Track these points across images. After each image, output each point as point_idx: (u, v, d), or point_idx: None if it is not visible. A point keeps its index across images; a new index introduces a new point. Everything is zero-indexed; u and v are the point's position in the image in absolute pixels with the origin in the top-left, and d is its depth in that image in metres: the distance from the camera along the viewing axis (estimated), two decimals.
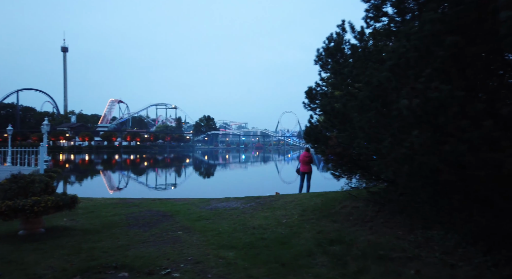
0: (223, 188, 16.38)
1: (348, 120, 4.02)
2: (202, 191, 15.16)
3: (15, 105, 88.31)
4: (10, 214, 4.79)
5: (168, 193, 14.27)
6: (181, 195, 13.04)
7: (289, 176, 25.42)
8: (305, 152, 9.93)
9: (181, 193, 14.13)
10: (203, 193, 13.43)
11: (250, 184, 18.91)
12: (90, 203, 9.14)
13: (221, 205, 7.44)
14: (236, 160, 52.28)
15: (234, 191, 15.49)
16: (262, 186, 17.09)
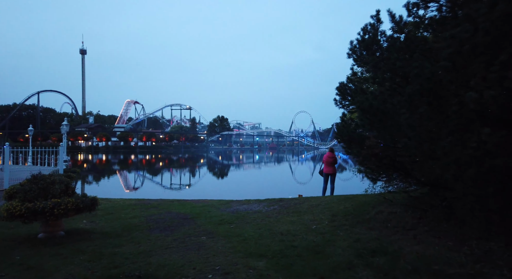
0: (241, 189, 16.13)
1: (389, 118, 3.64)
2: (220, 192, 14.94)
3: (36, 107, 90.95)
4: (30, 216, 4.64)
5: (186, 194, 14.12)
6: (199, 196, 12.86)
7: (307, 177, 24.95)
8: (329, 152, 9.48)
9: (198, 194, 13.95)
10: (221, 194, 13.20)
11: (269, 186, 18.58)
12: (109, 204, 9.03)
13: (242, 208, 7.15)
14: (252, 160, 52.05)
15: (252, 192, 15.20)
16: (282, 188, 16.72)
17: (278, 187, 17.39)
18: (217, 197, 11.96)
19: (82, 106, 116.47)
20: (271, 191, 15.32)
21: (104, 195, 12.53)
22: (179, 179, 23.25)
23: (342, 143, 4.82)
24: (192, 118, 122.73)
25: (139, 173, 28.60)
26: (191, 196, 12.76)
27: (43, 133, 77.56)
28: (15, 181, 12.88)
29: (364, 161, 4.27)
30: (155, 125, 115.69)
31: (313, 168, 9.77)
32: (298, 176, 26.16)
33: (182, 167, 35.82)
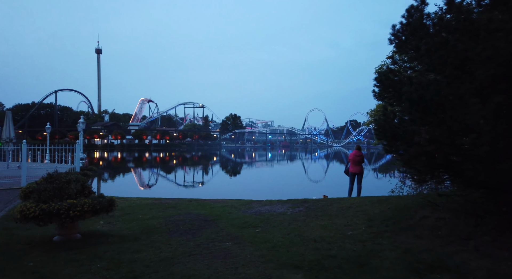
0: (259, 189, 15.72)
1: (447, 111, 3.13)
2: (237, 192, 14.56)
3: (54, 105, 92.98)
4: (44, 218, 4.35)
5: (203, 193, 13.82)
6: (216, 195, 12.52)
7: (326, 176, 24.35)
8: (356, 150, 8.92)
9: (215, 193, 13.62)
10: (239, 194, 12.83)
11: (287, 185, 18.10)
12: (126, 203, 8.79)
13: (265, 209, 6.73)
14: (266, 158, 51.65)
15: (271, 192, 14.72)
16: (301, 187, 16.22)
17: (297, 187, 16.90)
18: (235, 197, 11.59)
19: (97, 105, 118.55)
20: (290, 190, 14.84)
21: (120, 194, 12.36)
22: (194, 177, 23.07)
23: (383, 140, 4.32)
24: (205, 116, 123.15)
25: (155, 171, 28.63)
26: (208, 195, 12.44)
27: (60, 132, 79.32)
28: (33, 178, 12.87)
29: (411, 160, 3.77)
30: (169, 124, 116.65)
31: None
32: (316, 175, 25.57)
33: (197, 165, 35.75)
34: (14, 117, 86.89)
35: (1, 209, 7.74)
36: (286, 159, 49.44)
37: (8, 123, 18.03)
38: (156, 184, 18.54)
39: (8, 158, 17.35)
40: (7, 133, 17.90)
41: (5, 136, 17.91)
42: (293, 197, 10.95)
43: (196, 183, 18.82)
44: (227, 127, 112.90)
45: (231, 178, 22.93)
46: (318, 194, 10.96)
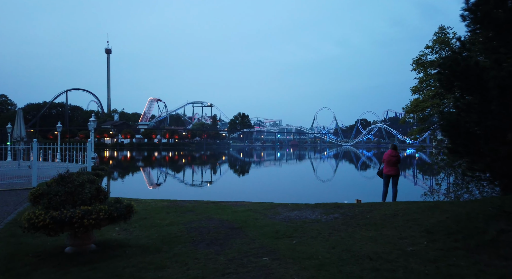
0: (277, 190, 15.05)
1: None
2: (255, 193, 13.92)
3: (64, 105, 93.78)
4: (55, 227, 3.81)
5: (218, 194, 13.23)
6: (233, 197, 11.93)
7: (343, 176, 23.58)
8: (391, 150, 8.17)
9: (232, 194, 13.04)
10: (257, 196, 12.23)
11: (306, 186, 17.39)
12: (140, 205, 8.25)
13: (294, 215, 6.10)
14: (277, 158, 51.01)
15: (291, 194, 13.95)
16: (322, 189, 15.51)
17: (317, 188, 16.22)
18: (252, 199, 10.99)
19: (107, 104, 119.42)
20: (311, 192, 14.15)
21: (132, 195, 11.88)
22: (206, 177, 22.57)
23: (454, 139, 3.64)
24: (213, 115, 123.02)
25: (166, 170, 28.25)
26: (224, 196, 11.87)
27: (71, 131, 79.96)
28: (43, 178, 12.51)
29: (496, 162, 3.09)
30: (177, 123, 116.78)
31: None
32: (333, 176, 24.85)
33: (208, 164, 35.31)
34: (26, 116, 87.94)
35: (11, 212, 7.29)
36: (297, 159, 48.70)
37: (19, 122, 17.77)
38: (169, 184, 18.06)
39: (19, 157, 17.08)
40: (18, 132, 17.64)
41: (16, 135, 17.65)
42: (316, 199, 10.27)
43: (209, 183, 18.30)
44: (236, 127, 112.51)
45: (245, 178, 22.35)
46: (342, 196, 10.31)
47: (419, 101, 7.86)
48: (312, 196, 11.94)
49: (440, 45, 7.32)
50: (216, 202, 9.12)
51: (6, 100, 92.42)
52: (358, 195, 9.36)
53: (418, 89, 8.27)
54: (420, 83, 8.24)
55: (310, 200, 11.25)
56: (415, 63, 8.05)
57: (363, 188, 15.34)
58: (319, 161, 43.60)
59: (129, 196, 11.30)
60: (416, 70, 8.13)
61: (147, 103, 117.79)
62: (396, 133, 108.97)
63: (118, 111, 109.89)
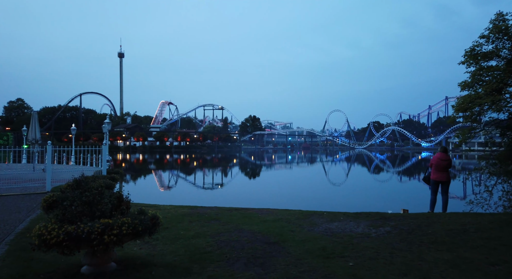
0: (301, 196, 14.17)
1: None
2: (278, 199, 13.13)
3: (78, 108, 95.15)
4: (70, 245, 3.21)
5: (240, 200, 12.51)
6: (255, 203, 11.26)
7: (367, 181, 22.66)
8: (441, 153, 7.22)
9: (254, 200, 12.35)
10: (280, 202, 11.54)
11: (332, 192, 16.46)
12: (159, 212, 7.65)
13: (335, 227, 5.38)
14: (291, 161, 50.18)
15: (317, 199, 12.94)
16: (350, 195, 14.56)
17: (345, 194, 15.30)
18: (277, 205, 10.30)
19: (120, 108, 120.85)
20: (339, 199, 13.22)
21: (148, 200, 11.34)
22: (223, 181, 21.99)
23: None
24: (224, 118, 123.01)
25: (180, 174, 27.81)
26: (246, 202, 11.21)
27: (84, 134, 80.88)
28: (58, 182, 12.13)
29: None
30: (188, 126, 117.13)
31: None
32: (358, 180, 23.94)
33: (222, 167, 34.79)
34: (41, 120, 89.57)
35: (23, 219, 6.80)
36: (310, 162, 47.72)
37: (34, 124, 17.56)
38: (184, 188, 17.48)
39: (34, 160, 16.83)
40: (33, 135, 17.42)
41: (30, 137, 17.43)
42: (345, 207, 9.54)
43: (226, 187, 17.68)
44: (246, 129, 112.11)
45: (262, 182, 21.64)
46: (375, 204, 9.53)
47: (473, 97, 7.02)
48: (340, 203, 11.16)
49: (498, 34, 6.53)
50: (239, 209, 8.47)
51: (23, 104, 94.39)
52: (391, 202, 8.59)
53: (468, 85, 7.45)
54: (472, 77, 7.41)
55: (339, 207, 10.48)
56: (467, 55, 7.23)
57: (394, 194, 14.38)
58: (335, 164, 42.57)
59: (145, 201, 10.77)
60: (465, 64, 7.34)
61: (159, 106, 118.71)
62: (410, 136, 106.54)
63: (131, 114, 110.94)
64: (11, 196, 9.70)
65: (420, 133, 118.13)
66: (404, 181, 22.87)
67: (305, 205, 10.71)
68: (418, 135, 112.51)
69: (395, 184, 21.28)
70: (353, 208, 8.18)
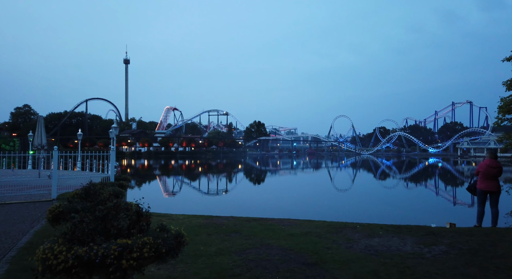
0: (319, 205, 13.43)
1: None
2: (296, 208, 12.38)
3: (84, 114, 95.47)
4: (81, 271, 2.63)
5: (255, 209, 11.81)
6: (272, 212, 10.63)
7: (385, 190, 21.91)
8: (490, 159, 6.33)
9: (270, 209, 11.65)
10: (300, 211, 10.91)
11: (353, 200, 15.71)
12: (173, 223, 7.06)
13: (377, 244, 4.75)
14: (299, 166, 49.44)
15: (340, 209, 12.28)
16: (374, 204, 13.74)
17: (365, 202, 14.56)
18: (296, 214, 9.67)
19: (125, 113, 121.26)
20: (364, 207, 12.37)
21: (159, 209, 10.77)
22: (233, 188, 21.37)
23: None
24: (229, 123, 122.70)
25: (188, 180, 27.25)
26: (262, 211, 10.63)
27: (90, 139, 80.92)
28: (64, 189, 11.62)
29: None
30: (193, 131, 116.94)
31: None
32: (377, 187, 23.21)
33: (229, 173, 34.18)
34: (47, 125, 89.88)
35: (26, 231, 6.24)
36: (316, 167, 46.93)
37: (40, 129, 17.17)
38: (195, 195, 16.83)
39: (40, 166, 16.39)
40: (39, 140, 17.03)
41: (36, 143, 17.04)
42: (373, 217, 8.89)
43: (237, 194, 17.05)
44: (251, 135, 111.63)
45: (273, 188, 20.96)
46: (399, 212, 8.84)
47: None
48: (365, 213, 10.42)
49: None
50: (257, 219, 7.87)
51: (29, 110, 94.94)
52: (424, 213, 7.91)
53: None
54: None
55: (365, 218, 9.78)
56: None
57: (424, 204, 13.51)
58: (346, 170, 41.77)
59: (155, 210, 10.21)
60: (510, 60, 6.75)
61: (164, 112, 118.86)
62: (417, 142, 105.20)
63: (136, 120, 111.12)
64: (15, 204, 9.19)
65: (427, 139, 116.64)
66: (430, 188, 22.09)
67: (326, 214, 10.05)
68: (424, 141, 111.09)
69: (422, 192, 20.50)
70: (382, 219, 7.54)
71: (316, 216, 9.31)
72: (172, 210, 10.92)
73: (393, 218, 8.66)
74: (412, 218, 9.45)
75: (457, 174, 34.63)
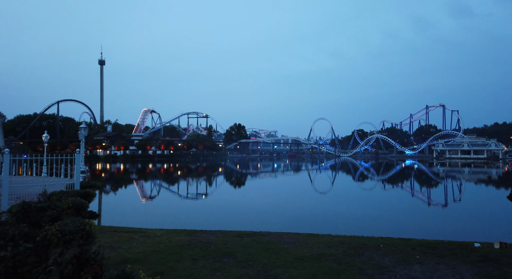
0: (312, 212, 12.21)
1: None
2: (289, 217, 11.02)
3: (56, 116, 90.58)
4: None
5: (245, 219, 10.38)
6: (263, 223, 9.41)
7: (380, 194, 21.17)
8: None
9: (262, 219, 10.28)
10: (295, 220, 9.70)
11: (344, 205, 14.73)
12: (148, 242, 5.75)
13: (423, 276, 3.66)
14: (281, 170, 48.52)
15: (338, 217, 11.00)
16: (369, 209, 12.69)
17: (359, 207, 13.58)
18: (292, 225, 8.52)
19: (100, 116, 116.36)
20: (361, 214, 11.13)
21: (133, 221, 9.30)
22: (216, 193, 19.94)
23: None
24: (208, 126, 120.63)
25: (166, 185, 25.50)
26: (253, 222, 9.37)
27: (62, 143, 76.57)
28: (18, 200, 9.91)
29: None
30: (172, 134, 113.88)
31: (345, 178, 6.02)
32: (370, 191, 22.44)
33: (210, 177, 32.64)
34: (15, 128, 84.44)
35: None
36: (297, 170, 46.25)
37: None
38: (175, 204, 15.08)
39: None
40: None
41: None
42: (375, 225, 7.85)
43: (221, 202, 15.69)
44: (232, 138, 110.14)
45: (260, 194, 19.70)
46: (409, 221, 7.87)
47: None
48: (370, 222, 9.29)
49: None
50: (251, 233, 6.65)
51: None
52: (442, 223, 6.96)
53: None
54: None
55: (370, 226, 8.70)
56: None
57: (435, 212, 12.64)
58: (329, 173, 41.25)
59: (128, 223, 8.73)
60: None
61: (141, 114, 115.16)
62: (394, 144, 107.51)
63: (111, 123, 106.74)
64: None
65: (403, 141, 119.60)
66: (406, 189, 21.62)
67: (325, 224, 8.97)
68: (401, 143, 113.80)
69: (399, 194, 19.94)
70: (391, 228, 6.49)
71: (315, 226, 8.21)
72: (149, 223, 9.47)
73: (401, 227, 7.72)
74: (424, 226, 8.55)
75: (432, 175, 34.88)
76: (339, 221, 10.31)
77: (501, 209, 13.63)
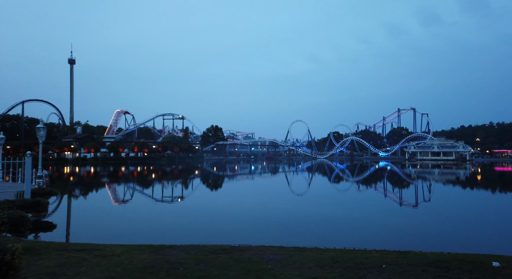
0: (295, 219, 11.37)
1: None
2: (268, 225, 10.05)
3: (20, 117, 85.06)
4: None
5: (219, 229, 9.32)
6: (239, 233, 8.51)
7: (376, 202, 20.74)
8: None
9: (238, 228, 9.27)
10: (275, 229, 8.82)
11: (324, 209, 14.10)
12: (102, 264, 4.72)
13: None
14: (259, 172, 47.73)
15: (320, 221, 10.06)
16: (350, 215, 12.06)
17: (336, 211, 12.96)
18: (272, 234, 7.69)
19: (70, 117, 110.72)
20: (346, 220, 10.39)
21: (91, 235, 8.10)
22: (187, 199, 18.77)
23: None
24: (185, 128, 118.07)
25: (135, 190, 23.94)
26: (228, 232, 8.42)
27: (26, 145, 71.66)
28: None
29: None
30: (146, 136, 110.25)
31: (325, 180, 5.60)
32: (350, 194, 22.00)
33: (183, 180, 31.25)
34: None
35: None
36: (275, 172, 45.73)
37: None
38: (140, 211, 13.67)
39: None
40: None
41: None
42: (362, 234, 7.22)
43: (193, 209, 14.60)
44: (208, 139, 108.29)
45: (237, 199, 18.76)
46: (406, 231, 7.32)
47: None
48: (348, 226, 8.59)
49: None
50: (228, 248, 5.75)
51: None
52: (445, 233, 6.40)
53: None
54: None
55: (357, 235, 7.98)
56: None
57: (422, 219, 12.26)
58: (303, 174, 40.96)
59: (84, 238, 7.56)
60: None
61: (114, 115, 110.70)
62: (368, 146, 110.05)
63: (81, 124, 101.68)
64: None
65: (377, 143, 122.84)
66: (379, 190, 21.50)
67: (308, 232, 8.21)
68: (375, 145, 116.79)
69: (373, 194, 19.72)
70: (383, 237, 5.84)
71: (299, 234, 7.44)
72: (111, 235, 8.31)
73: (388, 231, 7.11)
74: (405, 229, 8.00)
75: (404, 177, 35.49)
76: (323, 226, 9.62)
77: (474, 207, 13.64)
